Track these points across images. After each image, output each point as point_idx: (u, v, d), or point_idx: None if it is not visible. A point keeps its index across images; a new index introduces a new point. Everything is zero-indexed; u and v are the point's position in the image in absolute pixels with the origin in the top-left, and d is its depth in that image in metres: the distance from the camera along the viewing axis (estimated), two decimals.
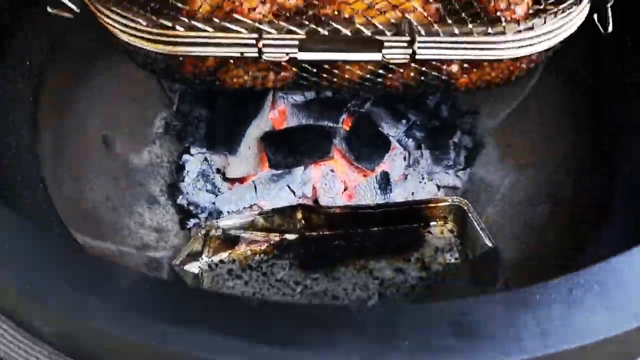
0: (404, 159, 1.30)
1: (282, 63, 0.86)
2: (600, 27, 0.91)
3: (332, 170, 1.28)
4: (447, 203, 1.22)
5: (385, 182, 1.26)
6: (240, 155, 1.28)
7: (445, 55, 0.85)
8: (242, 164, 1.28)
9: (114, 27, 0.84)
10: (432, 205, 1.22)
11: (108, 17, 0.84)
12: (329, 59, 0.86)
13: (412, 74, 0.89)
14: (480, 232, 1.17)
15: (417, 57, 0.84)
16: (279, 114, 1.31)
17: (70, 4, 0.84)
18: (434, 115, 1.32)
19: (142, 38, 0.84)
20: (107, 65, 1.18)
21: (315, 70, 0.89)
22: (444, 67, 0.88)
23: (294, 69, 0.89)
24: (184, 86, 1.25)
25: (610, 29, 0.91)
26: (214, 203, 1.26)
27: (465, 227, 1.20)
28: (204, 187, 1.28)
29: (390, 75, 0.90)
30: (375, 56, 0.84)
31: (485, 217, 1.22)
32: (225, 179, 1.29)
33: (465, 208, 1.20)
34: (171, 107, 1.31)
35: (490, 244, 1.16)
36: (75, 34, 1.05)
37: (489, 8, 0.84)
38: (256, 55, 0.83)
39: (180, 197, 1.26)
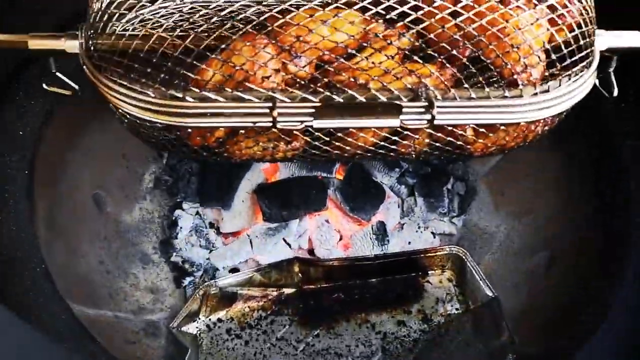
0: (398, 206, 1.24)
1: (294, 132, 0.79)
2: (604, 92, 0.86)
3: (327, 221, 1.20)
4: (444, 252, 1.16)
5: (382, 232, 1.19)
6: (234, 209, 1.19)
7: (463, 119, 0.79)
8: (236, 218, 1.20)
9: (119, 99, 0.75)
10: (429, 254, 1.16)
11: (113, 89, 0.74)
12: (346, 126, 0.78)
13: (427, 139, 0.82)
14: (480, 282, 1.11)
15: (436, 122, 0.77)
16: (271, 165, 1.23)
17: (71, 83, 0.74)
18: (425, 162, 1.26)
19: (149, 110, 0.75)
20: (97, 126, 1.07)
21: (327, 138, 0.81)
22: (459, 131, 0.82)
23: (305, 137, 0.81)
24: (187, 159, 1.16)
25: (615, 93, 0.86)
26: (208, 259, 1.17)
27: (464, 275, 1.14)
28: (198, 243, 1.19)
29: (404, 142, 0.82)
30: (394, 122, 0.77)
31: (483, 266, 1.16)
32: (219, 232, 1.20)
33: (463, 257, 1.15)
34: (160, 161, 1.21)
35: (491, 294, 1.10)
36: (68, 102, 0.95)
37: (504, 71, 0.78)
38: (270, 124, 0.75)
39: (174, 254, 1.17)
